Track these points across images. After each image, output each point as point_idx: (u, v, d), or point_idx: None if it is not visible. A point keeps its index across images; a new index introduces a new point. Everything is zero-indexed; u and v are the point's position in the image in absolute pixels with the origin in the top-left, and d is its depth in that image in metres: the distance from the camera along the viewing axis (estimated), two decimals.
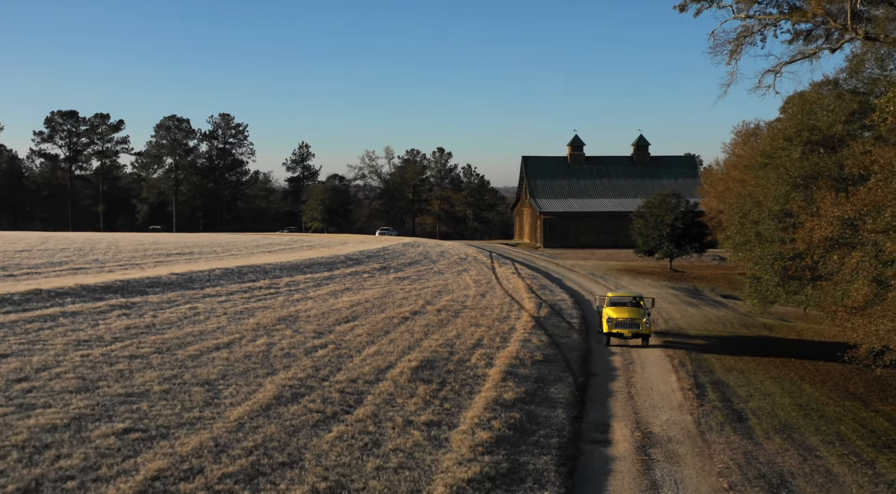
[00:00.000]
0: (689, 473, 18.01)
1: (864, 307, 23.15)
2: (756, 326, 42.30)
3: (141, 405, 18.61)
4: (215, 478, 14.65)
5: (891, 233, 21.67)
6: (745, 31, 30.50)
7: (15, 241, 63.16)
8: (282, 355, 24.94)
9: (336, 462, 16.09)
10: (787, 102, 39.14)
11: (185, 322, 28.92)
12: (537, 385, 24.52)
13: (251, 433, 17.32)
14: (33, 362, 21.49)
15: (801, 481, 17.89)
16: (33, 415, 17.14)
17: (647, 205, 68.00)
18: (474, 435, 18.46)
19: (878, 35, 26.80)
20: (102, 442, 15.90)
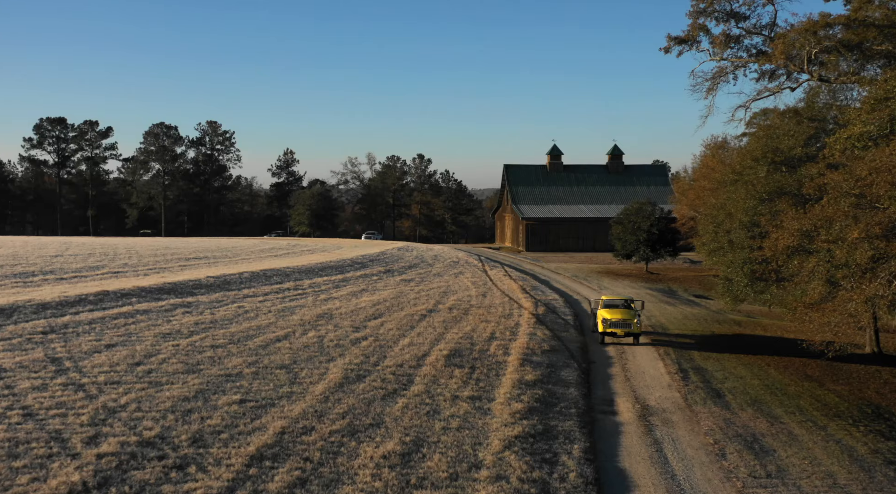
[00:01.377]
0: (682, 433, 22.67)
1: (819, 303, 28.04)
2: (727, 322, 47.23)
3: (241, 383, 22.89)
4: (325, 433, 19.00)
5: (840, 243, 26.53)
6: (719, 72, 35.56)
7: (40, 246, 66.52)
8: (333, 346, 29.25)
9: (410, 423, 20.47)
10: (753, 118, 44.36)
11: (240, 318, 33.13)
12: (550, 369, 29.05)
13: (337, 403, 21.67)
14: (138, 350, 25.68)
15: (769, 439, 22.60)
16: (165, 389, 21.39)
17: (625, 213, 72.96)
18: (510, 406, 22.93)
19: (828, 77, 31.78)
20: (229, 408, 20.20)
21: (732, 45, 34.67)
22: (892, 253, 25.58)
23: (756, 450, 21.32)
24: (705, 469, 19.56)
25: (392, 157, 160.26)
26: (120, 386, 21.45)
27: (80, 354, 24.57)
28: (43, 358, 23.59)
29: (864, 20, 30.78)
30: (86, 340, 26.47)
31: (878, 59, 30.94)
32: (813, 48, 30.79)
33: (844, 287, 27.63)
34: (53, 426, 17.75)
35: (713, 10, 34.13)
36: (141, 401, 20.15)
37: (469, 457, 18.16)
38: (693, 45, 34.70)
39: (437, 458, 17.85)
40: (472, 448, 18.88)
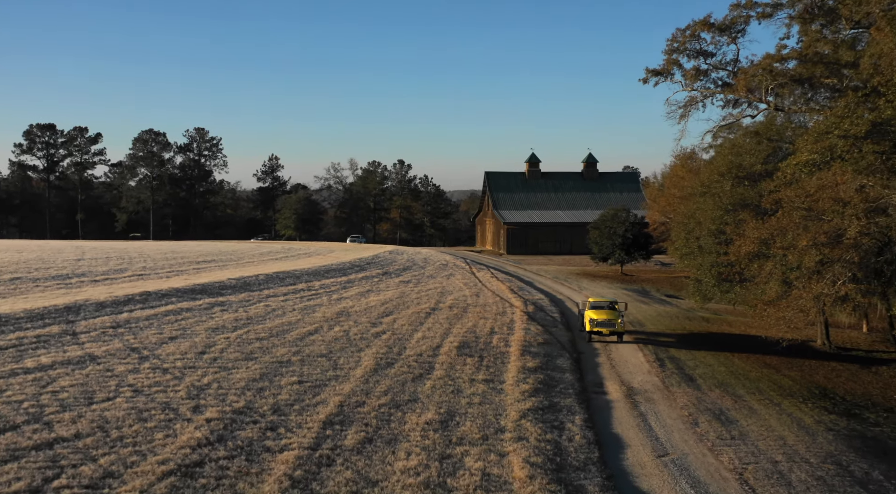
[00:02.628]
0: (662, 408, 27.10)
1: (775, 300, 32.66)
2: (697, 319, 51.87)
3: (293, 368, 26.97)
4: (375, 406, 23.15)
5: (792, 249, 31.14)
6: (691, 100, 40.25)
7: (58, 250, 69.71)
8: (358, 338, 33.37)
9: (440, 399, 24.67)
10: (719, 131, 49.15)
11: (271, 315, 37.12)
12: (546, 358, 33.38)
13: (376, 384, 25.83)
14: (197, 342, 29.65)
15: (733, 412, 27.10)
16: (234, 373, 25.44)
17: (601, 218, 77.63)
18: (519, 386, 27.21)
19: (783, 106, 36.46)
20: (292, 388, 24.30)
21: (702, 78, 39.46)
22: (835, 258, 30.22)
23: (723, 420, 25.81)
24: (682, 434, 24.00)
25: (373, 163, 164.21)
26: (196, 370, 25.45)
27: (151, 345, 28.51)
28: (123, 348, 27.52)
29: (814, 55, 35.45)
30: (150, 333, 30.39)
31: (825, 90, 35.68)
32: (769, 84, 35.50)
33: (796, 286, 32.27)
34: (161, 399, 21.76)
35: (685, 48, 38.96)
36: (219, 382, 24.19)
37: (493, 424, 22.41)
38: (668, 77, 39.50)
39: (468, 424, 22.08)
40: (495, 417, 23.14)
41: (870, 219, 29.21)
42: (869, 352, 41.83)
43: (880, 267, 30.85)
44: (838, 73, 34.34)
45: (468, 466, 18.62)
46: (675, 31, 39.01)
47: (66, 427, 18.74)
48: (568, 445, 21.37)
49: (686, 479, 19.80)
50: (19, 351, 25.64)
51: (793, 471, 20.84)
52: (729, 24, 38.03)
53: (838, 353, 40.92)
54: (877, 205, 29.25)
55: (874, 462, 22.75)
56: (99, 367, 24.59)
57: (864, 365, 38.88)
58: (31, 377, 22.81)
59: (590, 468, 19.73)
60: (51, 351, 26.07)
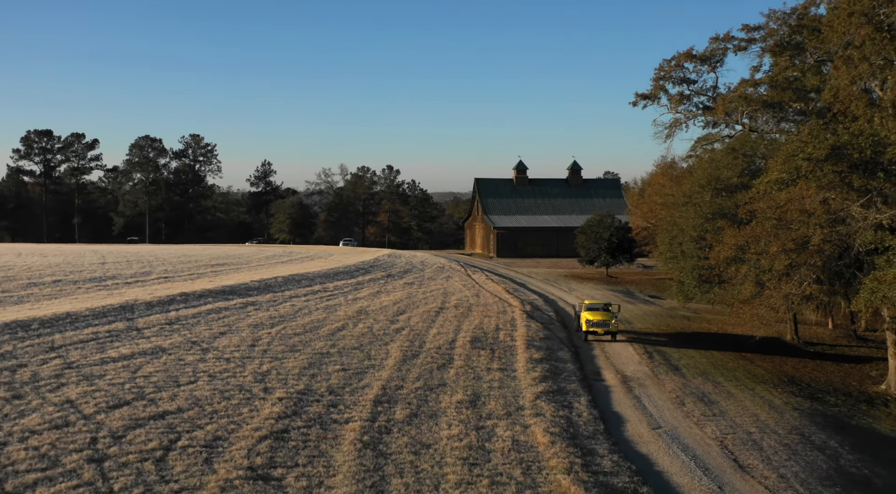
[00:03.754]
0: (653, 391, 31.15)
1: (749, 299, 36.85)
2: (679, 318, 56.05)
3: (333, 358, 30.76)
4: (412, 389, 27.01)
5: (764, 254, 35.32)
6: (675, 122, 44.53)
7: (80, 254, 72.88)
8: (382, 334, 37.18)
9: (465, 384, 28.56)
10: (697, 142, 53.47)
11: (299, 314, 40.85)
12: (549, 351, 37.35)
13: (408, 371, 29.67)
14: (244, 336, 33.36)
15: (714, 395, 31.19)
16: (286, 362, 29.20)
17: (588, 224, 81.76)
18: (529, 374, 31.14)
19: (757, 128, 40.76)
20: (338, 374, 28.11)
21: (685, 102, 43.74)
22: (801, 262, 34.44)
23: (705, 401, 29.92)
24: (671, 412, 28.07)
25: (362, 168, 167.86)
26: (253, 360, 29.21)
27: (206, 339, 32.21)
28: (185, 341, 31.21)
29: (783, 82, 39.68)
30: (201, 329, 34.08)
31: (794, 113, 39.92)
32: (744, 109, 39.76)
33: (768, 287, 36.45)
34: (234, 382, 25.53)
35: (671, 76, 43.24)
36: (276, 369, 27.97)
37: (514, 403, 26.35)
38: (655, 101, 43.77)
39: (493, 403, 26.01)
40: (514, 398, 27.08)
41: (831, 228, 33.41)
42: (832, 346, 46.18)
43: (840, 270, 35.07)
44: (805, 97, 38.57)
45: (499, 434, 22.54)
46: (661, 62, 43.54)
47: (168, 404, 22.48)
48: (578, 420, 25.36)
49: (677, 445, 23.84)
50: (100, 344, 29.28)
51: (764, 440, 24.96)
52: (709, 55, 42.40)
53: (805, 347, 45.21)
54: (837, 216, 33.46)
55: (831, 433, 26.93)
56: (171, 357, 28.30)
57: (827, 357, 43.23)
58: (121, 364, 26.50)
59: (598, 436, 23.72)
60: (125, 344, 29.72)
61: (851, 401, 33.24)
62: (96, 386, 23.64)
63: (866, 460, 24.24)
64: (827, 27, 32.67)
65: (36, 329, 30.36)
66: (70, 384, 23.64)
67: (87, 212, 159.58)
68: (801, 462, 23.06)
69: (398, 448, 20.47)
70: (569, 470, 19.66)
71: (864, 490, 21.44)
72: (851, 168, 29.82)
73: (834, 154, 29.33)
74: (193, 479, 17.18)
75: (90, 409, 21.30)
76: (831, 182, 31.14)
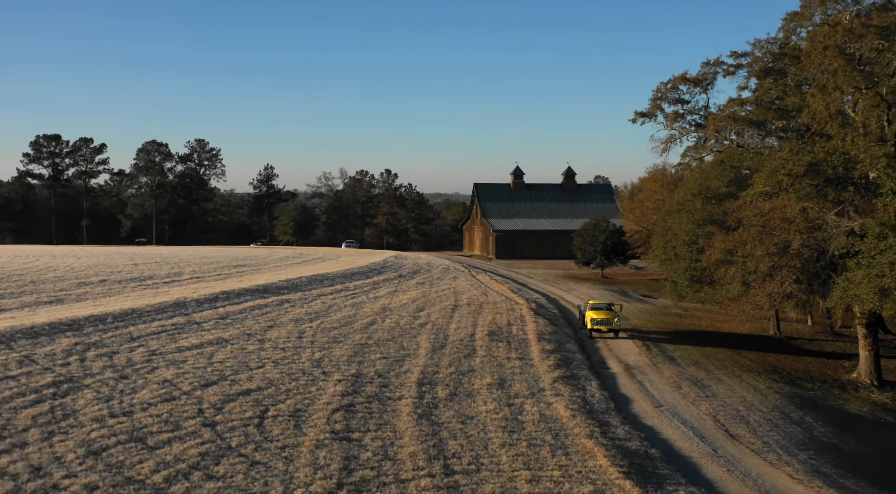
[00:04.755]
0: (653, 378, 35.18)
1: (737, 298, 40.96)
2: (671, 315, 60.18)
3: (372, 348, 34.63)
4: (447, 374, 30.93)
5: (750, 257, 39.41)
6: (671, 138, 48.72)
7: (109, 256, 76.46)
8: (408, 328, 41.06)
9: (491, 370, 32.47)
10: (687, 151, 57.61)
11: (331, 310, 44.68)
12: (558, 343, 41.32)
13: (440, 360, 33.58)
14: (290, 330, 37.17)
15: (706, 381, 35.26)
16: (334, 350, 33.06)
17: (584, 227, 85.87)
18: (545, 362, 35.10)
19: (743, 143, 44.97)
20: (381, 361, 31.99)
21: (679, 120, 47.88)
22: (783, 264, 38.55)
23: (699, 385, 34.00)
24: (670, 394, 32.11)
25: (361, 171, 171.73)
26: (304, 349, 33.07)
27: (258, 331, 36.04)
28: (240, 334, 35.04)
29: (767, 102, 43.84)
30: (251, 323, 37.90)
31: (776, 130, 44.09)
32: (732, 127, 43.94)
33: (753, 286, 40.53)
34: (296, 367, 29.39)
35: (667, 97, 47.49)
36: (327, 357, 31.84)
37: (535, 386, 30.31)
38: (652, 119, 47.97)
39: (518, 385, 29.96)
40: (534, 382, 31.04)
41: (809, 234, 37.54)
42: (811, 340, 50.41)
43: (817, 271, 39.14)
44: (787, 115, 42.69)
45: (528, 409, 26.49)
46: (658, 85, 47.75)
47: (247, 384, 26.34)
48: (591, 399, 29.37)
49: (677, 419, 27.88)
50: (170, 335, 33.09)
51: (750, 415, 29.04)
52: (701, 78, 46.62)
53: (787, 341, 49.41)
54: (814, 223, 37.59)
55: (807, 411, 31.06)
56: (235, 346, 32.14)
57: (807, 350, 47.43)
58: (195, 352, 30.33)
59: (610, 412, 27.74)
60: (191, 336, 33.54)
61: (826, 387, 37.40)
62: (183, 369, 27.48)
63: (836, 432, 28.36)
64: (805, 56, 36.78)
65: (111, 322, 34.12)
66: (161, 367, 27.47)
67: (93, 214, 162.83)
68: (780, 433, 27.15)
69: (447, 419, 24.40)
70: (590, 436, 23.63)
71: (832, 453, 25.54)
72: (826, 182, 33.95)
73: (811, 170, 33.45)
74: (291, 439, 21.06)
75: (187, 387, 25.15)
76: (809, 194, 35.26)
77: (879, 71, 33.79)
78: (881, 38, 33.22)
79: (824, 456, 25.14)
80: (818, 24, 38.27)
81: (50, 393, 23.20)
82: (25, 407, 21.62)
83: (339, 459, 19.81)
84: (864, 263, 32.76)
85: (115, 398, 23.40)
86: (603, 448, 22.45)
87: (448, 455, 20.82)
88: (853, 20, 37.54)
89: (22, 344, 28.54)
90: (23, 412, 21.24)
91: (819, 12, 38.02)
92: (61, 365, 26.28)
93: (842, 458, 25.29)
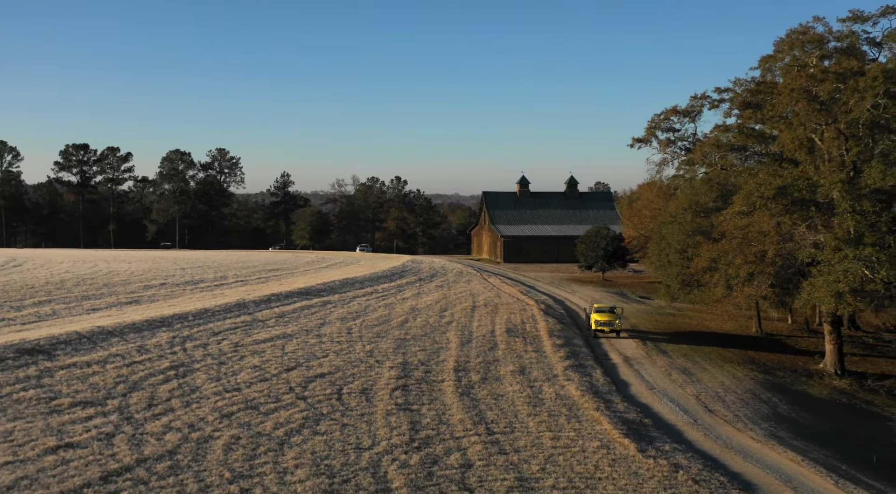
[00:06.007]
0: (647, 367, 41.03)
1: (720, 299, 46.82)
2: (665, 314, 65.97)
3: (410, 342, 40.46)
4: (477, 363, 36.78)
5: (732, 264, 45.23)
6: (664, 161, 54.72)
7: (154, 261, 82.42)
8: (437, 325, 46.90)
9: (512, 360, 38.29)
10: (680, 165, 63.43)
11: (368, 310, 50.53)
12: (567, 339, 47.13)
13: (468, 351, 39.41)
14: (339, 326, 43.02)
15: (693, 370, 41.10)
16: (380, 343, 38.92)
17: (587, 234, 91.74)
18: (556, 354, 40.93)
19: (727, 166, 50.89)
20: (420, 352, 37.85)
21: (671, 146, 53.81)
22: (760, 271, 44.35)
23: (686, 373, 39.85)
24: (661, 379, 37.96)
25: (372, 178, 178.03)
26: (355, 342, 38.93)
27: (313, 328, 41.90)
28: (299, 329, 40.91)
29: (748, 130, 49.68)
30: (305, 321, 43.77)
31: (755, 155, 49.94)
32: (716, 153, 49.89)
33: (735, 289, 46.38)
34: (353, 357, 35.26)
35: (660, 126, 53.52)
36: (376, 349, 37.70)
37: (550, 373, 36.15)
38: (648, 144, 53.96)
39: (535, 372, 35.81)
40: (549, 370, 36.89)
41: (782, 244, 43.38)
42: (789, 337, 56.24)
43: (789, 277, 44.97)
44: (764, 141, 48.48)
45: (546, 390, 32.35)
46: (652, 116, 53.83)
47: (319, 369, 32.21)
48: (596, 383, 35.23)
49: (666, 398, 33.74)
50: (244, 331, 38.98)
51: (726, 396, 34.90)
52: (690, 110, 52.66)
53: (767, 337, 55.23)
54: (786, 235, 43.44)
55: (775, 393, 36.91)
56: (299, 340, 38.03)
57: (784, 345, 53.27)
58: (269, 344, 36.23)
59: (612, 393, 33.60)
60: (261, 331, 39.42)
61: (795, 375, 43.27)
62: (265, 357, 33.38)
63: (796, 409, 34.22)
64: (777, 95, 42.61)
65: (192, 320, 40.01)
66: (247, 356, 33.37)
67: (118, 219, 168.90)
68: (749, 409, 33.02)
69: (483, 396, 30.28)
70: (597, 409, 29.50)
71: (789, 424, 31.41)
72: (793, 203, 39.81)
73: (780, 193, 39.31)
74: (366, 409, 26.93)
75: (274, 370, 31.05)
76: (780, 212, 41.12)
77: (837, 109, 39.61)
78: (838, 82, 39.07)
79: (782, 426, 31.00)
80: (788, 64, 44.13)
81: (172, 374, 29.12)
82: (160, 384, 27.54)
83: (406, 422, 25.69)
84: (824, 271, 38.60)
85: (223, 378, 29.31)
86: (607, 418, 28.32)
87: (488, 422, 26.71)
88: (818, 63, 43.48)
89: (131, 337, 34.44)
90: (160, 387, 27.16)
91: (789, 56, 43.93)
92: (171, 354, 32.19)
93: (797, 427, 31.14)
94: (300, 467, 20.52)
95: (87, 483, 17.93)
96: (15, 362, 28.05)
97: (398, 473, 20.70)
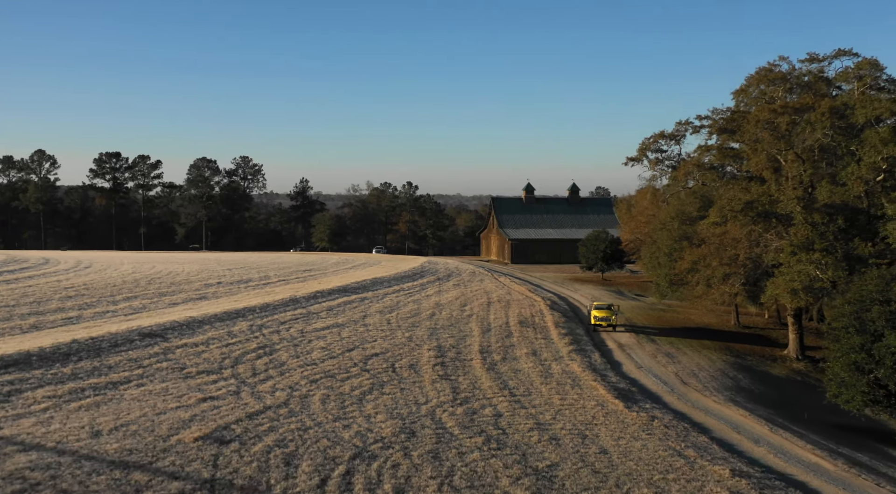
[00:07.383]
0: (638, 352, 48.28)
1: (701, 296, 54.05)
2: (657, 310, 73.12)
3: (440, 331, 47.72)
4: (497, 347, 44.06)
5: (710, 266, 52.44)
6: (653, 177, 62.04)
7: (198, 262, 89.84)
8: (460, 318, 54.15)
9: (525, 345, 45.55)
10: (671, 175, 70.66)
11: (399, 305, 57.79)
12: (570, 329, 54.35)
13: (489, 338, 46.67)
14: (380, 318, 50.29)
15: (675, 354, 48.34)
16: (415, 332, 46.19)
17: (587, 238, 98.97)
18: (562, 341, 48.16)
19: (707, 181, 58.26)
20: (449, 339, 45.13)
21: (659, 164, 61.19)
22: (733, 272, 51.59)
23: (669, 356, 47.10)
24: (649, 361, 45.22)
25: (385, 183, 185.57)
26: (395, 330, 46.20)
27: (358, 319, 49.19)
28: (348, 321, 48.21)
29: (728, 150, 56.91)
30: (350, 314, 51.06)
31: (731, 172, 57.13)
32: (698, 172, 57.16)
33: (713, 287, 53.63)
34: (397, 341, 42.55)
35: (650, 147, 60.91)
36: (414, 336, 44.97)
37: (557, 354, 43.41)
38: (640, 162, 61.42)
39: (545, 354, 43.08)
40: (556, 353, 44.16)
41: (751, 249, 50.62)
42: (763, 329, 63.45)
43: (757, 277, 52.18)
44: (739, 160, 55.73)
45: (554, 368, 39.63)
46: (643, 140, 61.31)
47: (372, 350, 39.49)
48: (595, 363, 42.49)
49: (651, 375, 41.01)
50: (304, 321, 46.29)
51: (700, 373, 42.14)
52: (675, 134, 60.05)
53: (743, 330, 62.45)
54: (755, 241, 50.66)
55: (743, 373, 44.13)
56: (350, 329, 45.33)
57: (757, 336, 60.46)
58: (327, 331, 43.54)
59: (608, 370, 40.86)
60: (317, 321, 46.72)
61: (762, 359, 50.47)
62: (328, 340, 40.71)
63: (755, 384, 41.44)
64: (746, 124, 49.92)
65: (260, 312, 47.35)
66: (313, 340, 40.71)
67: (147, 222, 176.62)
68: (716, 383, 40.27)
69: (504, 371, 37.57)
70: (595, 381, 36.76)
71: (747, 393, 38.66)
72: (758, 215, 47.09)
73: (746, 207, 46.60)
74: (415, 378, 34.22)
75: (338, 350, 38.38)
76: (748, 222, 48.37)
77: (795, 137, 46.83)
78: (796, 115, 46.27)
79: (741, 395, 38.25)
80: (756, 97, 51.49)
81: (262, 352, 36.46)
82: (255, 359, 34.89)
83: (448, 388, 32.99)
84: (783, 271, 45.82)
85: (300, 356, 36.65)
86: (602, 386, 35.60)
87: (511, 388, 34.01)
88: (783, 96, 50.75)
89: (218, 325, 41.80)
90: (257, 361, 34.50)
91: (757, 90, 51.21)
92: (254, 338, 39.54)
93: (752, 395, 38.40)
94: (379, 413, 27.84)
95: (239, 419, 25.24)
96: (141, 342, 35.42)
97: (449, 418, 28.01)
